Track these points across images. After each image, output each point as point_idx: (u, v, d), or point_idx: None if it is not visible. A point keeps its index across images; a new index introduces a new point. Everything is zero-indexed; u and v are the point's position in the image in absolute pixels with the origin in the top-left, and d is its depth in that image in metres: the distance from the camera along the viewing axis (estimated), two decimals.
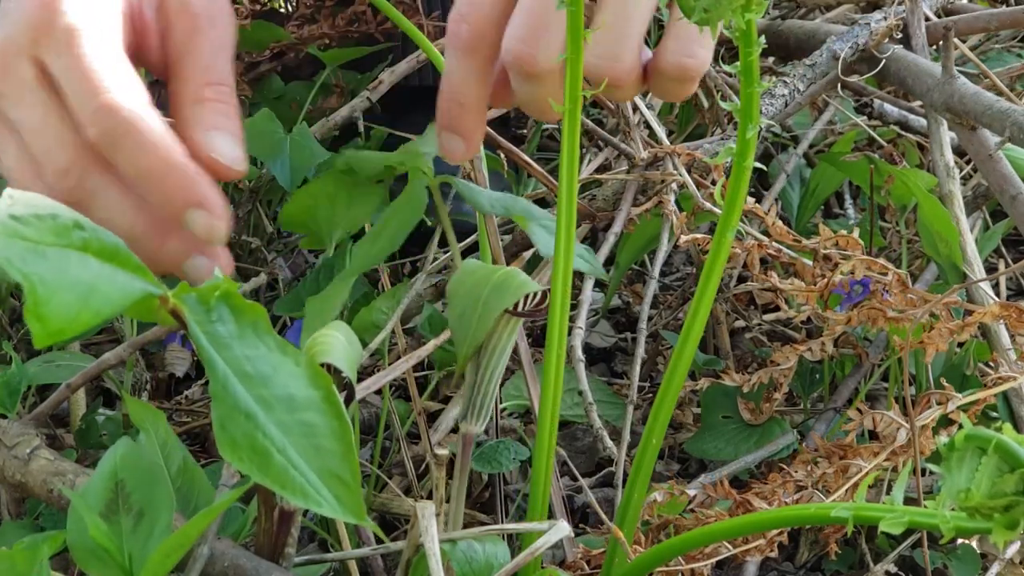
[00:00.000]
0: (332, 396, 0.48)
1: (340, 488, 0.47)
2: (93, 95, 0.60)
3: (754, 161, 0.58)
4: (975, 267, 0.90)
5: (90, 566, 0.58)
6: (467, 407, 0.67)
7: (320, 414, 0.48)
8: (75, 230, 0.43)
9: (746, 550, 0.72)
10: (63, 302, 0.40)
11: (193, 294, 0.47)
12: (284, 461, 0.46)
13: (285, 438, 0.47)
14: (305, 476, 0.47)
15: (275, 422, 0.46)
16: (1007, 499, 0.47)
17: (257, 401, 0.46)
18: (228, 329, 0.47)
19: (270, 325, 0.48)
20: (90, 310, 0.40)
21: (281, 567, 0.61)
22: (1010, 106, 0.85)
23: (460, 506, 0.67)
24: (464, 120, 0.70)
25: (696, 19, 0.51)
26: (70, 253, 0.42)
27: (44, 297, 0.39)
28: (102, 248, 0.44)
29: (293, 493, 0.46)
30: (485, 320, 0.64)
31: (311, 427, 0.47)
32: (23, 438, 0.69)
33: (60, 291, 0.40)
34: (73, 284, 0.41)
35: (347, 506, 0.47)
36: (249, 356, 0.47)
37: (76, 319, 0.40)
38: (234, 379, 0.46)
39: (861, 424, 0.80)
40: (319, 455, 0.47)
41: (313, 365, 0.48)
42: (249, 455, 0.45)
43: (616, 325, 1.17)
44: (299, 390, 0.48)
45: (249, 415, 0.46)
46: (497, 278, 0.65)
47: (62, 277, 0.41)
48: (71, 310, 0.40)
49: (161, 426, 0.67)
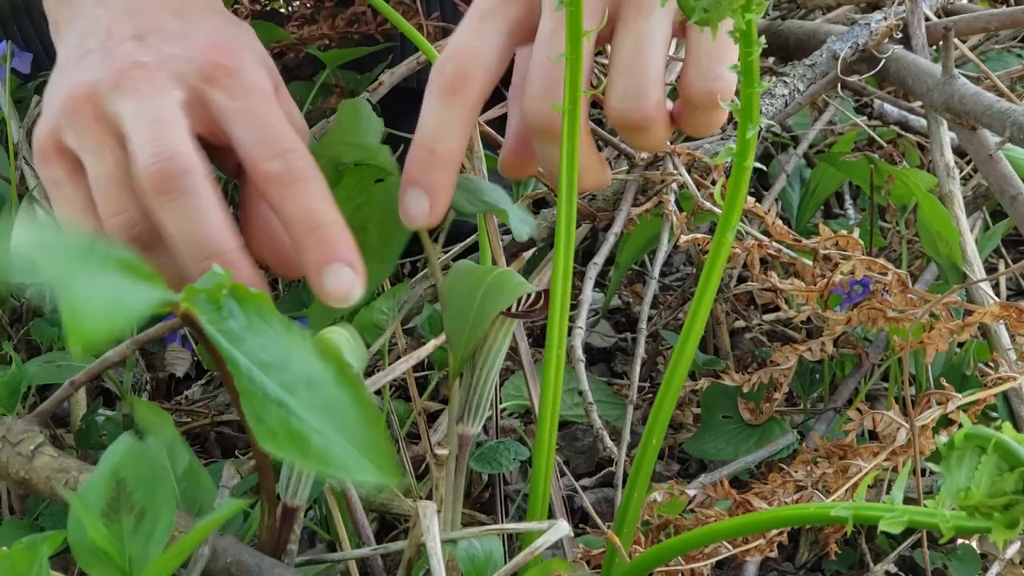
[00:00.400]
0: (343, 367, 0.49)
1: (375, 454, 0.48)
2: (282, 137, 0.65)
3: (754, 161, 0.58)
4: (975, 267, 0.90)
5: (91, 566, 0.58)
6: (463, 408, 0.67)
7: (337, 387, 0.48)
8: (95, 247, 0.45)
9: (746, 550, 0.73)
10: (94, 316, 0.41)
11: (202, 295, 0.47)
12: (322, 441, 0.46)
13: (315, 418, 0.47)
14: (344, 451, 0.47)
15: (303, 404, 0.47)
16: (1007, 498, 0.47)
17: (282, 388, 0.47)
18: (239, 323, 0.48)
19: (273, 307, 0.49)
20: (117, 321, 0.42)
21: (283, 563, 0.61)
22: (1010, 106, 0.85)
23: (458, 506, 0.67)
24: (433, 173, 0.65)
25: (696, 19, 0.51)
26: (95, 269, 0.44)
27: (81, 313, 0.41)
28: (121, 262, 0.46)
29: (337, 470, 0.46)
30: (481, 322, 0.64)
31: (335, 401, 0.48)
32: (27, 435, 0.69)
33: (94, 303, 0.41)
34: (100, 299, 0.42)
35: (386, 470, 0.48)
36: (263, 345, 0.47)
37: (106, 331, 0.41)
38: (258, 371, 0.46)
39: (861, 424, 0.80)
40: (347, 427, 0.48)
41: (319, 340, 0.49)
42: (287, 442, 0.46)
43: (616, 325, 1.17)
44: (314, 368, 0.48)
45: (280, 403, 0.46)
46: (492, 279, 0.65)
47: (91, 293, 0.42)
48: (101, 324, 0.41)
49: (167, 427, 0.67)
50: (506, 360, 0.98)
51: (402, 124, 1.17)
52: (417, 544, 0.63)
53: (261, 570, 0.60)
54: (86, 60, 0.68)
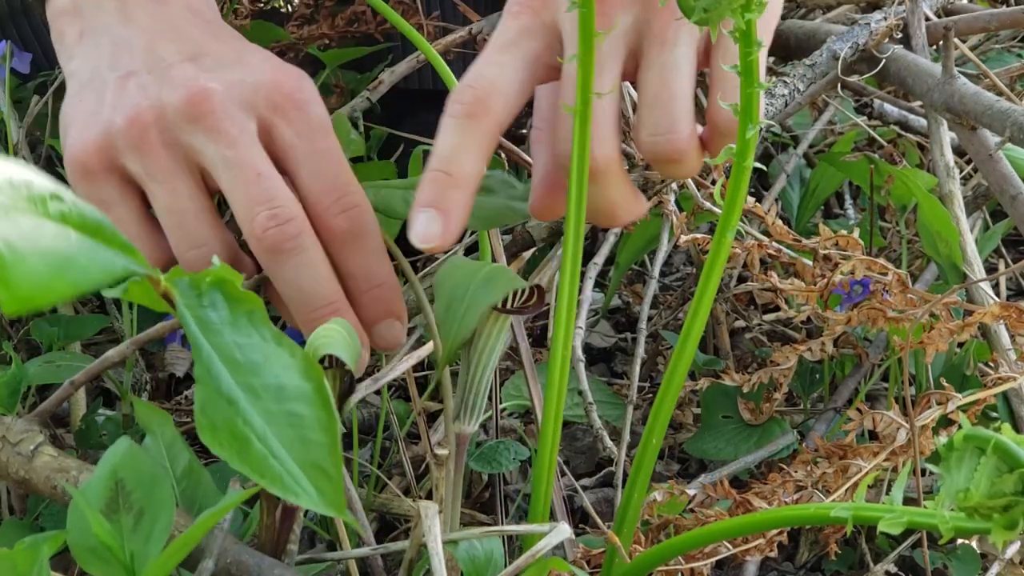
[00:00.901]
0: (322, 389, 0.48)
1: (323, 480, 0.47)
2: (349, 190, 0.67)
3: (754, 161, 0.58)
4: (975, 267, 0.90)
5: (91, 566, 0.58)
6: (459, 406, 0.67)
7: (308, 406, 0.47)
8: (53, 201, 0.42)
9: (746, 550, 0.73)
10: (33, 270, 0.38)
11: (185, 278, 0.46)
12: (264, 449, 0.46)
13: (269, 427, 0.46)
14: (285, 466, 0.46)
15: (261, 411, 0.46)
16: (1006, 499, 0.47)
17: (244, 389, 0.46)
18: (220, 316, 0.46)
19: (267, 316, 0.48)
20: (65, 281, 0.39)
21: (283, 563, 0.61)
22: (1010, 106, 0.85)
23: (456, 506, 0.67)
24: (448, 194, 0.63)
25: (696, 19, 0.51)
26: (45, 223, 0.41)
27: (12, 262, 0.37)
28: (84, 222, 0.42)
29: (271, 482, 0.46)
30: (471, 314, 0.63)
31: (298, 418, 0.47)
32: (27, 434, 0.69)
33: (31, 258, 0.38)
34: (46, 253, 0.39)
35: (328, 499, 0.47)
36: (240, 344, 0.46)
37: (49, 288, 0.38)
38: (219, 363, 0.46)
39: (861, 424, 0.80)
40: (304, 446, 0.47)
41: (307, 358, 0.48)
42: (228, 441, 0.45)
43: (616, 325, 1.17)
44: (290, 380, 0.47)
45: (231, 401, 0.45)
46: (484, 273, 0.65)
47: (34, 244, 0.39)
48: (43, 279, 0.38)
49: (168, 427, 0.67)
50: (507, 360, 0.98)
51: (402, 125, 1.17)
52: (418, 544, 0.63)
53: (261, 570, 0.60)
54: (135, 81, 0.68)
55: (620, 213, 0.66)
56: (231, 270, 0.47)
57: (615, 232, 0.93)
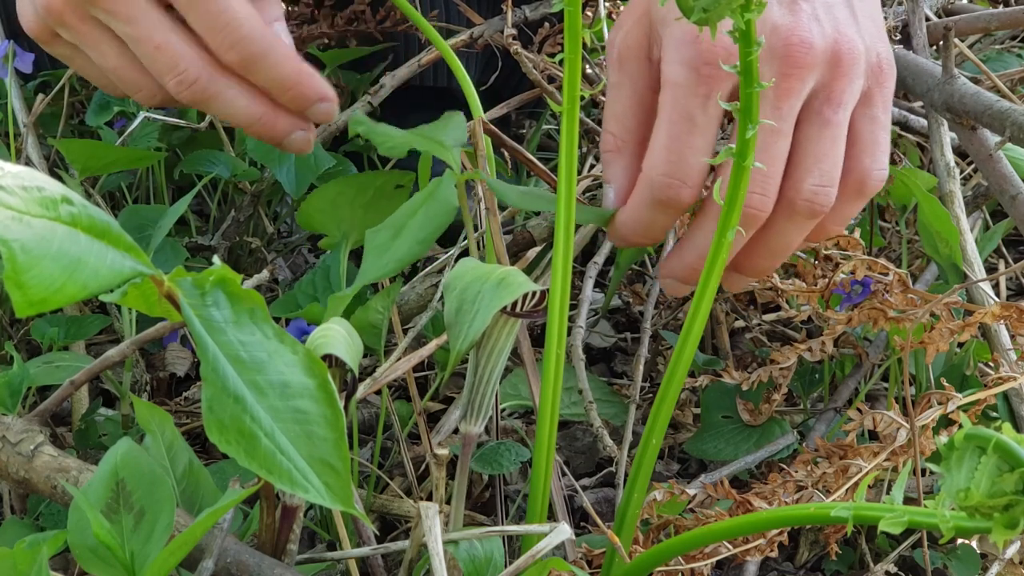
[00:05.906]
0: (327, 385, 0.48)
1: (330, 475, 0.47)
2: (229, 29, 0.73)
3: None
4: (975, 267, 0.90)
5: (92, 565, 0.58)
6: (466, 407, 0.67)
7: (314, 402, 0.47)
8: (63, 204, 0.43)
9: (746, 550, 0.73)
10: (46, 272, 0.39)
11: (188, 278, 0.46)
12: (271, 446, 0.46)
13: (275, 424, 0.46)
14: (293, 462, 0.46)
15: (267, 407, 0.46)
16: (1006, 498, 0.47)
17: (249, 386, 0.46)
18: (223, 314, 0.47)
19: (268, 314, 0.48)
20: (76, 283, 0.40)
21: (283, 563, 0.61)
22: (1010, 106, 0.85)
23: (460, 507, 0.67)
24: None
25: (695, 19, 0.51)
26: (56, 226, 0.42)
27: (25, 265, 0.39)
28: (92, 225, 0.43)
29: (280, 478, 0.46)
30: (482, 317, 0.64)
31: (304, 414, 0.47)
32: (27, 434, 0.69)
33: (43, 260, 0.39)
34: (58, 255, 0.40)
35: (336, 493, 0.47)
36: (244, 342, 0.47)
37: (60, 290, 0.40)
38: (224, 361, 0.46)
39: (861, 424, 0.80)
40: (311, 442, 0.47)
41: (310, 354, 0.48)
42: (236, 438, 0.45)
43: (616, 325, 1.17)
44: (294, 377, 0.47)
45: (238, 398, 0.46)
46: (496, 276, 0.65)
47: (46, 247, 0.40)
48: (55, 281, 0.39)
49: (168, 427, 0.67)
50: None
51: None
52: (419, 544, 0.63)
53: (261, 570, 0.60)
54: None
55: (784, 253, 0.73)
56: (231, 271, 0.48)
57: None
